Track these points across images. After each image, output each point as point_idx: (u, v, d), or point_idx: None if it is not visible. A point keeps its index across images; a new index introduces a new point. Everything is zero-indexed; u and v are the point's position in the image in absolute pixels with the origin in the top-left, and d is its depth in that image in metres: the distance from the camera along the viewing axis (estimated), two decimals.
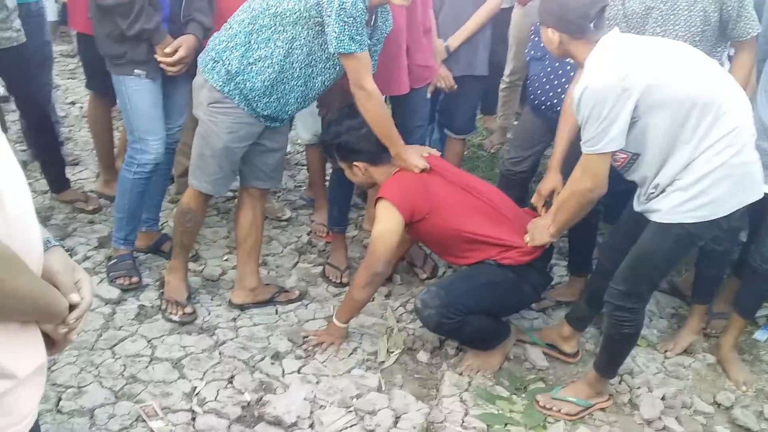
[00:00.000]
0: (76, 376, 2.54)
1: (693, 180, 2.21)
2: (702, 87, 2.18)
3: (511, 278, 2.70)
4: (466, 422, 2.52)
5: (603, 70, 2.18)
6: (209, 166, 2.78)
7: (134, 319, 2.92)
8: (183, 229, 2.93)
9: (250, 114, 2.69)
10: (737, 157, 2.19)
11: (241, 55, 2.61)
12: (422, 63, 3.19)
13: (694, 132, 2.17)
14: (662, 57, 2.23)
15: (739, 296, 2.95)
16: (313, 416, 2.47)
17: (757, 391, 2.87)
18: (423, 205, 2.71)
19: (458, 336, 2.76)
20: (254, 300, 3.08)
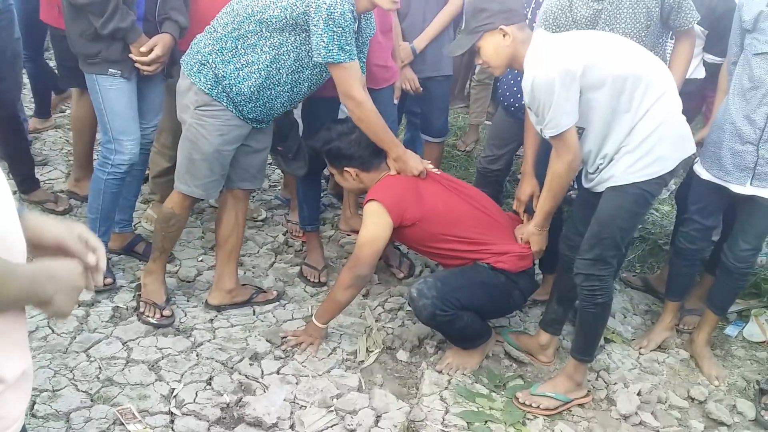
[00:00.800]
0: (51, 379, 2.48)
1: (638, 142, 2.41)
2: (631, 63, 2.41)
3: (504, 282, 2.73)
4: (446, 420, 2.52)
5: (543, 60, 2.36)
6: (200, 170, 2.74)
7: (109, 321, 2.86)
8: (165, 234, 2.88)
9: (238, 116, 2.67)
10: (671, 117, 2.44)
11: (228, 60, 2.59)
12: (380, 63, 3.18)
13: (630, 102, 2.39)
14: (592, 42, 2.47)
15: (712, 293, 3.01)
16: (293, 417, 2.46)
17: (729, 385, 2.94)
18: (414, 210, 2.71)
19: (447, 330, 2.76)
20: (231, 301, 3.05)
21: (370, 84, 3.14)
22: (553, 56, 2.35)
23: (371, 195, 2.73)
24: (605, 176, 2.49)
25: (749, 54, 2.69)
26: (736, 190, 2.74)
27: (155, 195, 3.68)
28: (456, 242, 2.75)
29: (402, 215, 2.68)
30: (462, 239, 2.75)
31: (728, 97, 2.79)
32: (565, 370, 2.74)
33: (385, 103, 3.26)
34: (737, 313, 3.40)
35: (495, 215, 2.89)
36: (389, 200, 2.67)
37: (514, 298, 2.79)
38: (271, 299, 3.14)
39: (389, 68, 3.27)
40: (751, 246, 2.78)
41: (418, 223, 2.72)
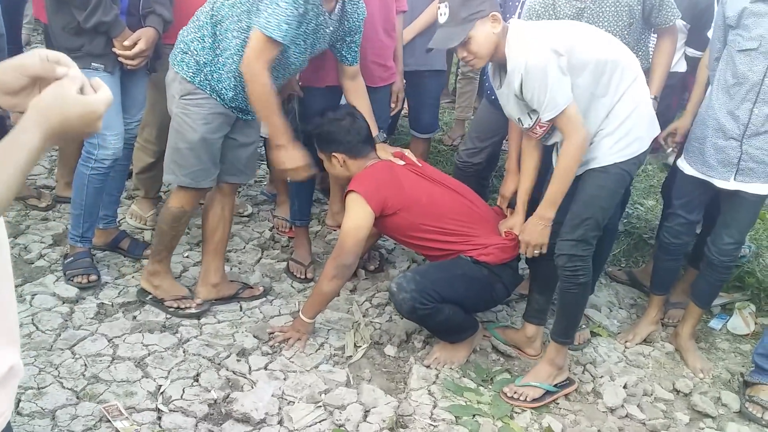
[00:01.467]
0: (35, 377, 2.45)
1: (617, 124, 2.52)
2: (607, 48, 2.51)
3: (486, 275, 2.73)
4: (435, 414, 2.52)
5: (531, 45, 2.41)
6: (186, 159, 2.71)
7: (93, 318, 2.84)
8: (174, 233, 2.85)
9: (222, 104, 2.67)
10: (644, 100, 2.56)
11: (209, 46, 2.60)
12: (378, 60, 3.18)
13: (608, 86, 2.48)
14: (569, 28, 2.55)
15: (696, 287, 3.04)
16: (281, 412, 2.45)
17: (714, 378, 2.97)
18: (395, 199, 2.71)
19: (429, 323, 2.76)
20: (217, 295, 3.03)
21: (368, 82, 3.15)
22: (540, 40, 2.41)
23: (351, 186, 2.73)
24: (585, 158, 2.54)
25: (733, 50, 2.71)
26: (720, 185, 2.76)
27: (139, 191, 3.65)
28: (438, 233, 2.76)
29: (382, 204, 2.69)
30: (444, 230, 2.76)
31: (711, 93, 2.81)
32: (546, 355, 2.76)
33: (380, 102, 3.27)
34: (721, 307, 3.44)
35: (478, 208, 2.90)
36: (369, 190, 2.68)
37: (496, 291, 2.80)
38: (258, 295, 3.12)
39: (389, 68, 3.26)
40: (734, 240, 2.81)
41: (400, 212, 2.72)
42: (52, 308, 2.85)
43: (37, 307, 2.84)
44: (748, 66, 2.64)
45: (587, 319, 3.25)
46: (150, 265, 2.94)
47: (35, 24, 5.27)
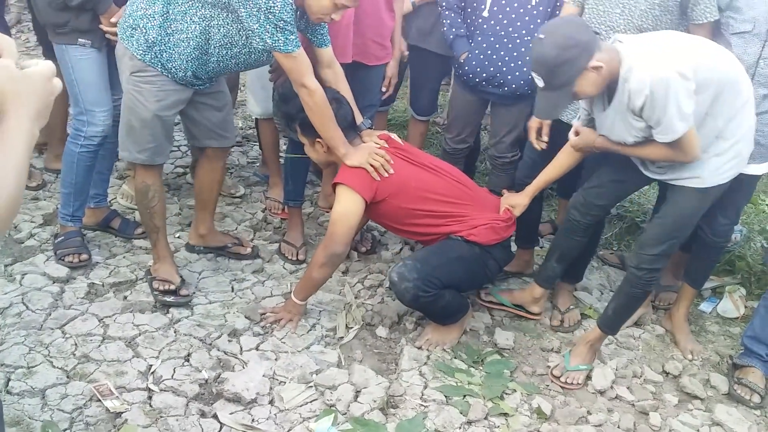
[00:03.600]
0: (25, 356, 2.45)
1: (728, 146, 2.42)
2: (726, 66, 2.37)
3: (478, 253, 2.74)
4: (425, 395, 2.53)
5: (654, 62, 2.24)
6: (140, 136, 2.68)
7: (84, 297, 2.83)
8: (150, 210, 2.83)
9: (174, 80, 2.62)
10: (753, 121, 2.46)
11: (159, 25, 2.53)
12: (377, 39, 3.15)
13: (722, 106, 2.35)
14: (687, 45, 2.36)
15: (689, 268, 3.06)
16: (272, 392, 2.45)
17: (703, 360, 2.98)
18: (383, 186, 2.69)
19: (429, 308, 2.76)
20: (204, 244, 3.18)
21: (364, 59, 3.13)
22: (662, 58, 2.25)
23: (338, 178, 2.71)
24: (687, 174, 2.46)
25: (726, 33, 2.69)
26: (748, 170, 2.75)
27: (130, 171, 3.62)
28: (428, 217, 2.76)
29: (372, 191, 2.67)
30: (434, 213, 2.75)
31: None
32: (588, 339, 2.81)
33: (372, 81, 3.24)
34: (711, 290, 3.45)
35: (468, 188, 2.90)
36: (355, 180, 2.65)
37: (489, 268, 2.82)
38: (245, 254, 3.22)
39: (386, 47, 3.23)
40: (729, 221, 2.83)
41: (389, 199, 2.71)
42: (42, 288, 2.83)
43: (27, 287, 2.82)
44: (743, 48, 2.63)
45: (578, 301, 3.26)
46: (152, 250, 2.96)
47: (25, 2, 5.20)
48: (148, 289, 2.90)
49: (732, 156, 2.44)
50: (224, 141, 2.99)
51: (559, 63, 2.25)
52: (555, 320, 3.09)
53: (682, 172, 2.48)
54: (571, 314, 3.09)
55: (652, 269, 2.62)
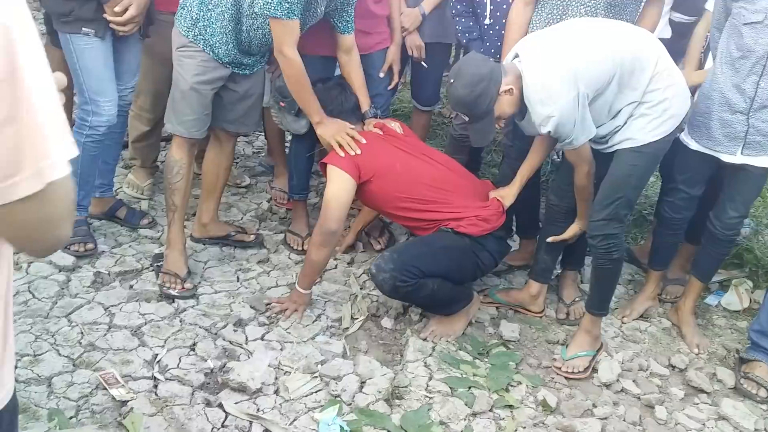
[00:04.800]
0: (32, 344, 2.45)
1: (650, 107, 2.51)
2: (624, 48, 2.48)
3: (468, 244, 2.73)
4: (430, 386, 2.53)
5: (554, 97, 2.40)
6: (180, 108, 2.81)
7: (90, 286, 2.83)
8: (171, 186, 2.89)
9: (215, 59, 2.74)
10: (673, 79, 2.53)
11: (200, 2, 2.67)
12: (365, 29, 3.12)
13: (630, 80, 2.47)
14: (581, 46, 2.47)
15: (698, 261, 3.04)
16: (277, 382, 2.45)
17: (709, 354, 2.98)
18: (368, 165, 2.72)
19: (415, 299, 2.78)
20: (207, 234, 3.20)
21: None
22: (559, 91, 2.40)
23: (325, 159, 2.77)
24: (618, 138, 2.58)
25: (738, 23, 2.66)
26: (727, 159, 2.74)
27: (136, 160, 3.62)
28: (414, 202, 2.77)
29: (357, 169, 2.71)
30: (419, 199, 2.77)
31: (715, 66, 2.77)
32: (582, 326, 2.83)
33: (374, 65, 3.24)
34: (719, 283, 3.43)
35: (460, 178, 2.91)
36: (341, 159, 2.72)
37: (482, 260, 2.80)
38: (249, 241, 3.24)
39: (373, 35, 3.22)
40: (739, 213, 2.81)
41: (374, 180, 2.74)
42: (48, 276, 2.84)
43: (33, 275, 2.83)
44: (754, 39, 2.60)
45: (584, 293, 3.24)
46: (167, 233, 2.98)
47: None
48: (153, 278, 2.90)
49: (657, 114, 2.52)
50: (242, 127, 3.10)
51: (473, 98, 2.48)
52: (561, 313, 3.08)
53: (615, 138, 2.59)
54: (577, 306, 3.08)
55: (604, 235, 2.64)
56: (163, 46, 3.15)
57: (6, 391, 1.04)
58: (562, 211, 2.86)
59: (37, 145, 0.80)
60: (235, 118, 3.00)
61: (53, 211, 0.85)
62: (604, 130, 2.58)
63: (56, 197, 0.84)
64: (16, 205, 0.81)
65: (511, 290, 3.13)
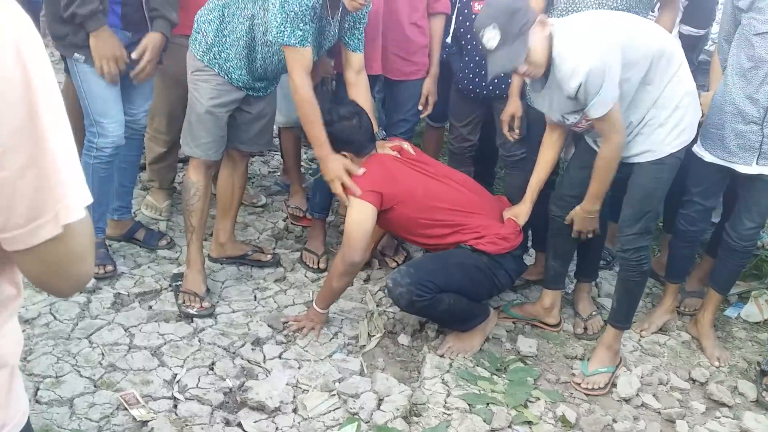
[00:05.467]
0: (53, 365, 2.49)
1: (668, 114, 2.53)
2: (654, 38, 2.50)
3: (485, 262, 2.73)
4: (448, 403, 2.53)
5: (588, 47, 2.37)
6: (196, 131, 2.86)
7: (110, 307, 2.86)
8: (189, 207, 2.93)
9: (229, 82, 2.79)
10: (690, 86, 2.57)
11: (216, 28, 2.72)
12: (401, 54, 3.19)
13: (654, 75, 2.48)
14: (616, 22, 2.50)
15: (715, 273, 3.02)
16: (296, 400, 2.46)
17: (730, 366, 2.95)
18: (390, 194, 2.71)
19: (431, 314, 2.78)
20: (224, 254, 3.24)
21: (387, 73, 3.20)
22: (595, 40, 2.37)
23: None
24: (637, 149, 2.58)
25: (748, 33, 2.66)
26: (742, 170, 2.73)
27: (154, 182, 3.67)
28: (437, 226, 2.77)
29: (380, 198, 2.69)
30: (442, 222, 2.76)
31: (726, 78, 2.77)
32: (604, 340, 2.82)
33: (403, 98, 3.30)
34: (738, 295, 3.40)
35: (478, 196, 2.90)
36: (362, 189, 2.68)
37: (499, 278, 2.79)
38: (266, 261, 3.26)
39: (413, 63, 3.24)
40: (755, 224, 2.79)
41: (397, 207, 2.73)
42: (69, 298, 2.87)
43: (54, 298, 2.86)
44: (765, 49, 2.60)
45: (601, 307, 3.23)
46: (187, 253, 3.01)
47: None
48: (172, 299, 2.93)
49: (675, 124, 2.54)
50: (255, 147, 3.15)
51: (513, 10, 2.38)
52: (578, 328, 3.07)
53: (632, 149, 2.59)
54: (594, 321, 3.07)
55: (637, 248, 2.67)
56: (176, 69, 3.20)
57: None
58: (566, 223, 2.84)
59: (57, 188, 0.82)
60: (249, 139, 3.04)
61: (75, 250, 0.87)
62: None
63: (78, 235, 0.86)
64: (39, 247, 0.83)
65: (525, 304, 3.13)
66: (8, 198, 0.80)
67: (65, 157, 0.83)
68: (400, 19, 3.13)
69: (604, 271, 3.48)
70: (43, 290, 0.97)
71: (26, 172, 0.79)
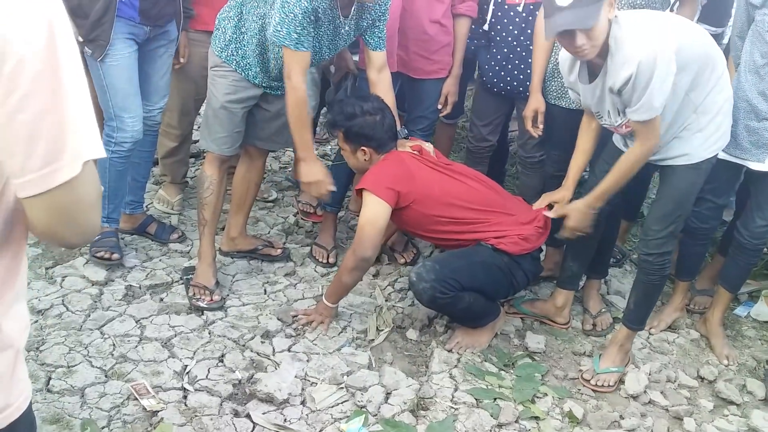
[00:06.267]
0: (65, 355, 2.52)
1: (708, 120, 2.51)
2: (704, 44, 2.47)
3: (506, 262, 2.73)
4: (456, 397, 2.54)
5: (644, 41, 2.30)
6: (212, 125, 2.89)
7: (122, 299, 2.89)
8: (202, 201, 2.96)
9: (246, 79, 2.80)
10: (730, 93, 2.58)
11: (234, 25, 2.75)
12: (421, 53, 3.21)
13: (699, 81, 2.45)
14: (669, 24, 2.44)
15: (726, 271, 3.01)
16: (304, 393, 2.48)
17: (739, 365, 2.94)
18: (407, 192, 2.71)
19: (450, 311, 2.79)
20: (234, 248, 3.26)
21: (408, 71, 3.23)
22: (652, 33, 2.32)
23: (362, 184, 2.74)
24: (673, 153, 2.55)
25: (762, 30, 2.65)
26: (755, 167, 2.73)
27: (166, 176, 3.70)
28: (453, 224, 2.77)
29: (396, 196, 2.69)
30: (458, 220, 2.76)
31: (739, 74, 2.76)
32: (616, 339, 2.81)
33: (424, 95, 3.33)
34: (748, 294, 3.39)
35: (498, 196, 2.90)
36: (380, 185, 2.68)
37: (517, 278, 2.79)
38: (276, 255, 3.28)
39: (435, 62, 3.27)
40: (766, 222, 2.77)
41: (413, 205, 2.73)
42: (81, 290, 2.91)
43: (67, 289, 2.90)
44: None
45: (611, 305, 3.23)
46: (199, 246, 3.03)
47: None
48: (183, 292, 2.96)
49: (713, 130, 2.53)
50: (272, 144, 3.16)
51: None
52: (587, 324, 3.07)
53: (669, 152, 2.56)
54: (603, 318, 3.07)
55: (662, 253, 2.65)
56: (189, 64, 3.24)
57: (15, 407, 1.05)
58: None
59: (73, 136, 0.87)
60: (267, 136, 3.06)
61: (84, 198, 0.91)
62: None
63: (87, 183, 0.90)
64: (53, 192, 0.87)
65: (537, 301, 3.13)
66: (26, 141, 0.84)
67: (81, 108, 0.88)
68: (420, 17, 3.15)
69: (614, 268, 3.47)
70: (51, 242, 1.01)
71: (45, 116, 0.84)
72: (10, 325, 1.00)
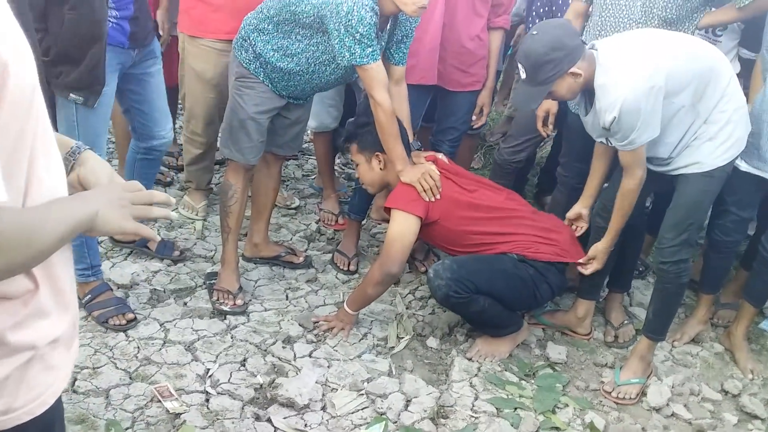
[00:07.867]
0: (91, 357, 2.56)
1: (718, 129, 2.51)
2: (702, 57, 2.48)
3: (531, 274, 2.74)
4: (476, 406, 2.54)
5: (626, 81, 2.35)
6: (238, 136, 2.89)
7: (147, 303, 2.94)
8: (226, 209, 2.98)
9: (273, 91, 2.82)
10: (741, 100, 2.56)
11: (266, 40, 2.74)
12: (459, 66, 3.25)
13: (704, 92, 2.46)
14: (661, 47, 2.45)
15: (749, 285, 2.98)
16: (325, 399, 2.50)
17: (764, 379, 2.90)
18: (433, 209, 2.74)
19: (463, 312, 2.80)
20: (257, 254, 3.30)
21: (445, 84, 3.26)
22: (635, 74, 2.35)
23: (390, 203, 2.78)
24: (684, 161, 2.57)
25: None
26: None
27: (191, 183, 3.75)
28: (478, 235, 2.79)
29: (426, 207, 2.72)
30: (484, 233, 2.79)
31: (766, 87, 2.74)
32: (637, 351, 2.80)
33: (457, 107, 3.36)
34: None
35: (519, 205, 2.92)
36: (408, 203, 2.72)
37: (541, 291, 2.79)
38: (298, 263, 3.30)
39: (471, 75, 3.30)
40: None
41: (440, 221, 2.75)
42: None
43: None
44: None
45: (633, 316, 3.21)
46: (222, 252, 3.06)
47: None
48: (207, 296, 3.00)
49: (724, 138, 2.53)
50: (287, 150, 3.19)
51: (544, 61, 2.38)
52: (609, 336, 3.05)
53: (680, 161, 2.58)
54: (626, 330, 3.05)
55: (677, 261, 2.64)
56: (213, 73, 3.28)
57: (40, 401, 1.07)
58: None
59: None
60: (284, 143, 3.10)
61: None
62: (665, 150, 2.56)
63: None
64: None
65: (557, 312, 3.11)
66: None
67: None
68: (459, 32, 3.19)
69: (637, 280, 3.45)
70: None
71: None
72: (24, 332, 1.01)
